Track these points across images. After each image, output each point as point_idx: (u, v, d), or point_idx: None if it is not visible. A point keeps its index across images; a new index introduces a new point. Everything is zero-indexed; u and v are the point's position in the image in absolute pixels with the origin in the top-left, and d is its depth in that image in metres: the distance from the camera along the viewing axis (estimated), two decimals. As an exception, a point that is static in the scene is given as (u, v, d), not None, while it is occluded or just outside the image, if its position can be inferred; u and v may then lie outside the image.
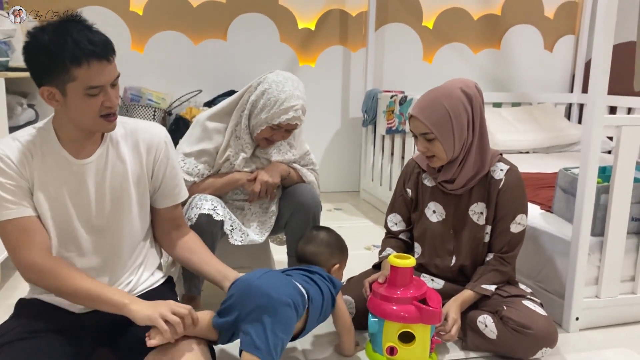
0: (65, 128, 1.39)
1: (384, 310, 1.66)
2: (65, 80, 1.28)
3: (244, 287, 1.46)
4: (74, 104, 1.31)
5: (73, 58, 1.25)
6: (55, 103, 1.33)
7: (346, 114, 4.16)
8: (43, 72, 1.29)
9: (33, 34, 1.29)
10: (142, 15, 3.65)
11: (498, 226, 1.84)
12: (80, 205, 1.42)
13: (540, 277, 2.15)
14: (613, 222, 1.94)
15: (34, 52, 1.29)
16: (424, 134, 1.77)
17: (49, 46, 1.26)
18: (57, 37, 1.26)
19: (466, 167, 1.80)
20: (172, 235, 1.63)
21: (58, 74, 1.27)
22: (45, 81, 1.29)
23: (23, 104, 2.63)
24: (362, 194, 4.08)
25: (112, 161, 1.45)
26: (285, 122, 1.90)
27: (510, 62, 4.32)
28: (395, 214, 2.02)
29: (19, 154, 1.35)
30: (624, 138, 1.90)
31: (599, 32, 1.81)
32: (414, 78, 4.14)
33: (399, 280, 1.68)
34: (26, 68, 1.33)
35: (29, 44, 1.29)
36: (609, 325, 2.03)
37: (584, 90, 4.21)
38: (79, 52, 1.25)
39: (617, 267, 1.99)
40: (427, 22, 4.15)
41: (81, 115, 1.34)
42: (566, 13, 4.36)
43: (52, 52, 1.25)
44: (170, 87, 3.66)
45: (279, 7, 3.88)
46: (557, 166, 2.33)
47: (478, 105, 1.78)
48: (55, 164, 1.38)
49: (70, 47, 1.25)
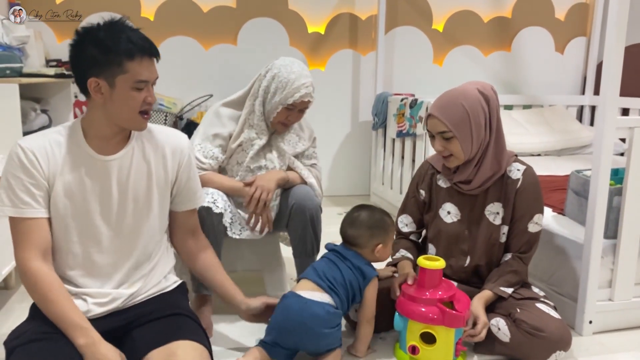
0: (96, 124, 1.43)
1: (408, 310, 1.70)
2: (116, 72, 1.36)
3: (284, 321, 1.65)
4: (119, 96, 1.38)
5: (128, 52, 1.36)
6: (99, 95, 1.38)
7: (356, 118, 4.16)
8: (95, 64, 1.36)
9: (88, 30, 1.38)
10: (153, 21, 3.69)
11: (516, 226, 1.84)
12: (103, 202, 1.45)
13: (553, 280, 2.14)
14: (626, 224, 1.93)
15: (89, 45, 1.36)
16: (441, 132, 1.78)
17: (105, 40, 1.35)
18: (113, 34, 1.37)
19: (483, 167, 1.81)
20: (189, 244, 1.67)
21: (110, 66, 1.36)
22: (95, 73, 1.36)
23: (37, 110, 2.67)
24: (372, 197, 4.07)
25: (136, 160, 1.49)
26: (299, 99, 1.98)
27: (521, 64, 4.30)
28: (406, 215, 2.03)
29: (44, 150, 1.39)
30: (637, 139, 1.88)
31: (610, 34, 1.80)
32: (424, 81, 4.13)
33: (427, 282, 1.71)
34: (74, 61, 1.40)
35: (82, 38, 1.38)
36: (622, 329, 2.01)
37: (595, 92, 4.18)
38: (133, 47, 1.37)
39: (630, 269, 1.97)
40: (437, 25, 4.15)
41: (123, 109, 1.40)
42: (577, 15, 4.33)
43: (108, 46, 1.35)
44: (181, 92, 3.69)
45: (288, 12, 3.90)
46: (569, 169, 2.31)
47: (495, 106, 1.80)
48: (79, 159, 1.43)
49: (125, 42, 1.36)
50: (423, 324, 1.67)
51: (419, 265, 1.72)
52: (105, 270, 1.47)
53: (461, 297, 1.72)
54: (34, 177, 1.38)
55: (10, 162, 1.39)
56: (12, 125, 2.25)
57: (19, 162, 1.37)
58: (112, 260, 1.48)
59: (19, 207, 1.37)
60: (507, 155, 1.86)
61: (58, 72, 2.72)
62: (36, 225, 1.39)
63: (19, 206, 1.37)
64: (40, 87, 2.81)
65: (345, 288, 1.71)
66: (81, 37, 1.39)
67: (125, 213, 1.48)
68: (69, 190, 1.41)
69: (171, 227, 1.64)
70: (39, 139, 1.41)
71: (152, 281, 1.55)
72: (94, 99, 1.40)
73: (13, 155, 1.38)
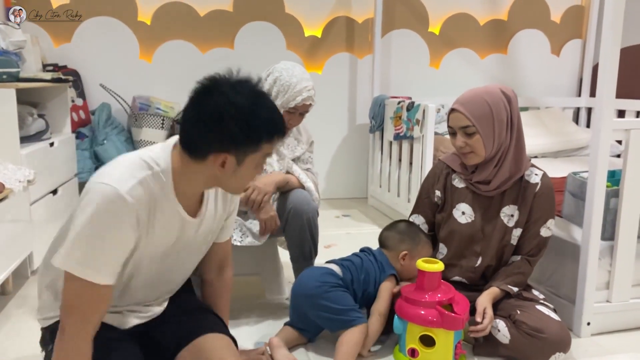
0: (190, 184, 1.31)
1: (407, 312, 1.70)
2: (249, 151, 1.25)
3: (293, 298, 1.88)
4: (243, 172, 1.29)
5: (269, 135, 1.26)
6: (220, 169, 1.26)
7: (353, 121, 4.17)
8: (232, 141, 1.23)
9: (231, 103, 1.22)
10: (150, 25, 3.68)
11: (529, 229, 1.85)
12: (170, 254, 1.39)
13: (550, 282, 2.14)
14: (623, 226, 1.93)
15: (231, 121, 1.21)
16: (464, 127, 1.79)
17: (250, 121, 1.22)
18: (256, 110, 1.24)
19: (503, 168, 1.82)
20: (213, 274, 1.62)
21: (248, 146, 1.24)
22: (227, 148, 1.23)
23: (34, 114, 2.66)
24: (370, 200, 4.08)
25: (207, 217, 1.42)
26: (301, 103, 2.01)
27: (517, 66, 4.32)
28: (418, 215, 2.02)
29: (145, 205, 1.23)
30: (633, 141, 1.89)
31: (606, 36, 1.81)
32: (421, 84, 4.14)
33: (426, 284, 1.71)
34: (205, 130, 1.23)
35: (224, 111, 1.21)
36: (620, 330, 2.01)
37: (591, 94, 4.20)
38: (274, 130, 1.27)
39: (628, 271, 1.97)
40: (434, 28, 4.16)
41: (240, 182, 1.33)
42: (572, 17, 4.35)
43: (253, 127, 1.23)
44: (178, 96, 3.68)
45: (285, 15, 3.91)
46: (566, 170, 2.32)
47: (516, 107, 1.83)
48: (169, 218, 1.31)
49: (269, 125, 1.26)
50: (422, 326, 1.67)
51: (418, 268, 1.73)
52: (145, 298, 1.44)
53: (460, 299, 1.72)
54: (128, 240, 1.21)
55: (104, 211, 1.16)
56: (8, 129, 2.25)
57: (117, 217, 1.18)
58: (153, 293, 1.46)
59: (99, 271, 1.18)
60: (526, 159, 1.88)
61: (55, 76, 2.72)
62: (107, 294, 1.22)
63: (99, 271, 1.18)
64: (37, 91, 2.81)
65: (360, 271, 1.86)
66: (222, 108, 1.21)
67: (183, 259, 1.45)
68: (150, 248, 1.30)
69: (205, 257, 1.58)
70: (138, 188, 1.21)
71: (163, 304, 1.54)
72: (206, 166, 1.26)
73: (110, 205, 1.16)
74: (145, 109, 3.48)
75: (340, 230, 3.31)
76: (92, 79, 3.56)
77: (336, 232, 3.25)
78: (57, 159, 2.77)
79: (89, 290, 1.18)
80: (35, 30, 3.42)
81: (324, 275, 1.82)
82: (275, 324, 2.00)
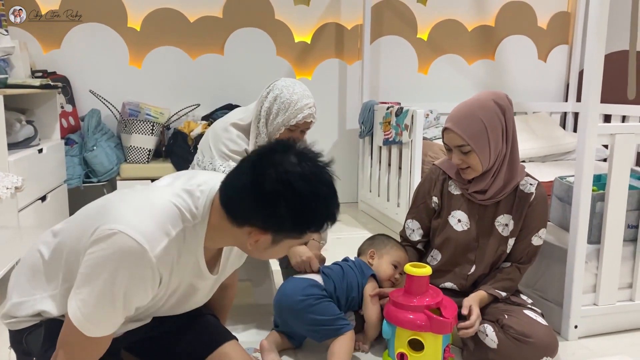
0: (218, 242, 1.25)
1: (396, 317, 1.71)
2: (290, 237, 1.16)
3: (277, 310, 1.87)
4: (274, 251, 1.20)
5: (319, 226, 1.15)
6: (252, 242, 1.16)
7: (343, 126, 4.18)
8: (276, 223, 1.12)
9: (291, 185, 1.09)
10: (139, 31, 3.68)
11: (521, 238, 1.86)
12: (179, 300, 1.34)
13: (538, 285, 2.16)
14: (609, 229, 1.96)
15: (284, 204, 1.09)
16: (459, 146, 1.77)
17: (306, 212, 1.11)
18: (316, 202, 1.12)
19: (498, 178, 1.82)
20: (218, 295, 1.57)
21: (291, 232, 1.15)
22: (269, 229, 1.13)
23: (22, 121, 2.65)
24: (360, 205, 4.09)
25: (222, 270, 1.39)
26: (302, 120, 1.99)
27: (504, 72, 4.36)
28: (413, 220, 2.00)
29: (170, 264, 1.15)
30: (618, 146, 1.92)
31: (591, 42, 1.84)
32: (409, 89, 4.17)
33: (414, 289, 1.72)
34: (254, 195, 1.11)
35: (283, 190, 1.09)
36: (607, 333, 2.04)
37: (578, 99, 4.25)
38: (327, 223, 1.16)
39: (614, 274, 2.00)
40: (422, 34, 4.19)
41: (265, 256, 1.29)
42: (559, 23, 4.40)
43: (303, 217, 1.12)
44: (168, 102, 3.68)
45: (275, 22, 3.92)
46: (553, 175, 2.34)
47: (510, 116, 1.81)
48: (190, 273, 1.25)
49: (324, 217, 1.15)
50: (411, 330, 1.68)
51: (406, 272, 1.73)
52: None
53: (448, 303, 1.73)
54: (144, 300, 1.15)
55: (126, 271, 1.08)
56: (-4, 136, 2.23)
57: (142, 280, 1.10)
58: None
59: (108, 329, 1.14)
60: (520, 168, 1.87)
61: (44, 83, 2.71)
62: (106, 341, 1.17)
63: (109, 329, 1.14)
64: (25, 98, 2.80)
65: (343, 278, 1.88)
66: (279, 187, 1.08)
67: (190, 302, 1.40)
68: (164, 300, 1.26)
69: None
70: (169, 247, 1.12)
71: None
72: (240, 234, 1.16)
73: (136, 269, 1.09)
74: (135, 115, 3.47)
75: (330, 235, 3.31)
76: (82, 85, 3.55)
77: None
78: (46, 166, 2.76)
79: (89, 341, 1.13)
80: (24, 36, 3.40)
81: (307, 288, 1.81)
82: (265, 329, 2.00)
